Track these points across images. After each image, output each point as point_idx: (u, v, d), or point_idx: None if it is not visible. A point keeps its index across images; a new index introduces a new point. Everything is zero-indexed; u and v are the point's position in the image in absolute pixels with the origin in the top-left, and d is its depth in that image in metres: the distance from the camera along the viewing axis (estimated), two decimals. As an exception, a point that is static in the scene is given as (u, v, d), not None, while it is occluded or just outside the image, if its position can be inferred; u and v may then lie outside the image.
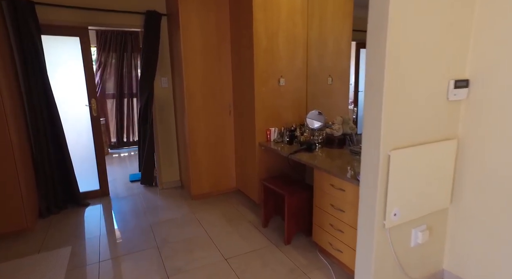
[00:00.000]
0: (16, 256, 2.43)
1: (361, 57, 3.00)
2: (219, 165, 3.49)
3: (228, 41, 3.27)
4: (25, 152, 2.85)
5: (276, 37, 2.85)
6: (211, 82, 3.28)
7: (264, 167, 3.03)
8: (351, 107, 3.03)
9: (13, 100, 2.69)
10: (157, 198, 3.56)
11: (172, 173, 3.87)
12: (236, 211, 3.14)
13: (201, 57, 3.18)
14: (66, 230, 2.82)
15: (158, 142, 3.72)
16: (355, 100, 3.04)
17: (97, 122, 3.44)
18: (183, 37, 3.05)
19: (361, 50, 3.01)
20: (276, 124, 3.03)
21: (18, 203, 2.65)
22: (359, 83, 3.00)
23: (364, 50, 3.09)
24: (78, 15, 3.11)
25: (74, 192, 3.30)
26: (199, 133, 3.31)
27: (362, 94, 3.02)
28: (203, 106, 3.28)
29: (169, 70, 3.65)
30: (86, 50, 3.26)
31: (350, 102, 3.05)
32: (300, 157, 2.36)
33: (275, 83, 2.95)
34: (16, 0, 2.76)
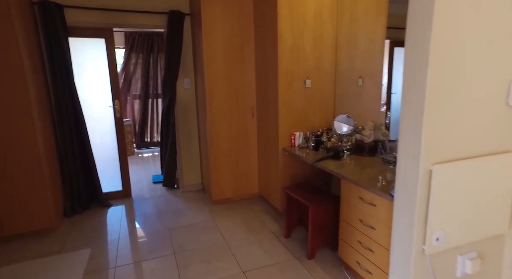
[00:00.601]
0: (39, 255, 2.44)
1: (395, 56, 2.75)
2: (241, 169, 3.36)
3: (251, 41, 3.14)
4: (51, 152, 2.89)
5: (302, 36, 2.68)
6: (234, 83, 3.17)
7: (287, 174, 2.87)
8: (383, 110, 2.79)
9: (41, 102, 2.73)
10: (178, 201, 3.50)
11: (193, 176, 3.80)
12: (257, 218, 3.00)
13: (223, 58, 3.07)
14: (87, 231, 2.82)
15: (180, 144, 3.67)
16: (387, 103, 2.80)
17: (121, 123, 3.44)
18: (205, 36, 2.96)
19: (395, 49, 2.76)
20: (301, 128, 2.85)
21: (44, 203, 2.69)
22: (392, 85, 2.76)
23: (398, 49, 2.83)
24: (103, 17, 3.11)
25: (97, 192, 3.32)
26: (220, 136, 3.21)
27: (395, 96, 2.77)
28: (225, 108, 3.18)
29: (192, 71, 3.58)
30: (110, 51, 3.27)
31: (382, 105, 2.81)
32: (326, 165, 2.17)
33: (301, 85, 2.77)
34: (46, 3, 2.80)
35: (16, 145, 2.54)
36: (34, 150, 2.59)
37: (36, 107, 2.60)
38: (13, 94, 2.47)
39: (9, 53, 2.41)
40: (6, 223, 2.61)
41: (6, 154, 2.52)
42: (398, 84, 2.80)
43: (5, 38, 2.39)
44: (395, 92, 2.81)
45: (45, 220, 2.72)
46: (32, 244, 2.62)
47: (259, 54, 3.07)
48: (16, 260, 2.39)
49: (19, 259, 2.39)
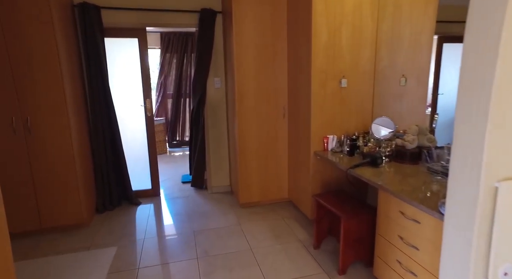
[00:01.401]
0: (68, 250, 2.49)
1: (443, 53, 2.46)
2: (270, 172, 3.23)
3: (284, 38, 2.99)
4: (85, 150, 2.96)
5: (338, 32, 2.48)
6: (265, 82, 3.04)
7: (318, 180, 2.68)
8: (428, 112, 2.51)
9: (77, 102, 2.80)
10: (205, 202, 3.44)
11: (222, 177, 3.73)
12: (285, 225, 2.84)
13: (254, 56, 2.95)
14: (115, 229, 2.85)
15: (209, 144, 3.61)
16: (433, 104, 2.51)
17: (151, 122, 3.46)
18: (235, 34, 2.86)
19: (444, 45, 2.47)
20: (335, 131, 2.65)
21: (77, 199, 2.75)
22: (439, 85, 2.48)
23: (448, 45, 2.53)
24: (137, 17, 3.14)
25: (127, 190, 3.36)
26: (249, 137, 3.10)
27: (442, 97, 2.48)
28: (255, 109, 3.06)
29: (223, 70, 3.51)
30: (143, 51, 3.29)
31: (426, 107, 2.53)
32: (362, 173, 1.97)
33: (336, 84, 2.57)
34: (85, 5, 2.87)
35: (52, 143, 2.61)
36: (68, 148, 2.65)
37: (71, 107, 2.67)
38: (51, 94, 2.54)
39: (48, 56, 2.49)
40: (43, 216, 2.70)
41: (44, 151, 2.60)
42: (447, 84, 2.51)
43: (45, 41, 2.46)
44: (442, 93, 2.52)
45: (77, 216, 2.78)
46: (64, 238, 2.68)
47: (291, 52, 2.91)
48: (47, 252, 2.45)
49: (50, 252, 2.46)
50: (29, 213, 2.66)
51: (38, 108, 2.54)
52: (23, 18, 2.40)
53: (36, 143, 2.58)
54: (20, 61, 2.45)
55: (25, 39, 2.43)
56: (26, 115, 2.53)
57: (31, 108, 2.53)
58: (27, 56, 2.46)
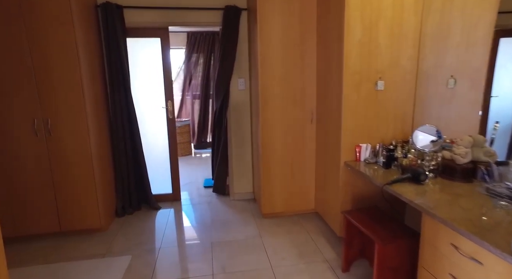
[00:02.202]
0: (83, 257, 2.42)
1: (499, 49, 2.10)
2: (295, 181, 2.98)
3: (313, 37, 2.74)
4: (106, 152, 2.90)
5: (375, 27, 2.19)
6: (291, 84, 2.80)
7: (348, 193, 2.40)
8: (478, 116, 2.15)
9: (96, 104, 2.74)
10: (226, 210, 3.27)
11: (244, 184, 3.54)
12: (310, 241, 2.59)
13: (280, 55, 2.73)
14: (132, 235, 2.75)
15: (232, 149, 3.43)
16: (484, 109, 2.15)
17: (173, 125, 3.35)
18: (260, 31, 2.65)
19: (501, 40, 2.10)
20: (369, 139, 2.36)
21: (94, 204, 2.69)
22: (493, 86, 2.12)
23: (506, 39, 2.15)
24: (159, 15, 3.03)
25: (147, 194, 3.28)
26: (274, 143, 2.87)
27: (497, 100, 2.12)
28: (280, 112, 2.83)
29: (247, 71, 3.31)
30: (165, 52, 3.18)
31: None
32: (400, 190, 1.68)
33: (371, 87, 2.28)
34: (107, 5, 2.81)
35: (71, 145, 2.57)
36: (86, 151, 2.60)
37: (90, 109, 2.60)
38: (70, 96, 2.49)
39: (68, 57, 2.44)
40: (63, 219, 2.67)
41: (63, 154, 2.56)
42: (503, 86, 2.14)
43: (65, 42, 2.41)
44: (497, 95, 2.16)
45: (95, 221, 2.72)
46: (82, 243, 2.63)
47: (321, 51, 2.65)
48: (62, 258, 2.39)
49: (65, 257, 2.40)
50: (49, 215, 2.64)
51: (58, 110, 2.50)
52: (45, 19, 2.36)
53: (55, 145, 2.55)
54: (41, 62, 2.42)
55: (46, 40, 2.39)
56: (47, 117, 2.50)
57: (51, 110, 2.49)
58: (48, 57, 2.42)
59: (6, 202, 2.55)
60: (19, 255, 2.48)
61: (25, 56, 2.39)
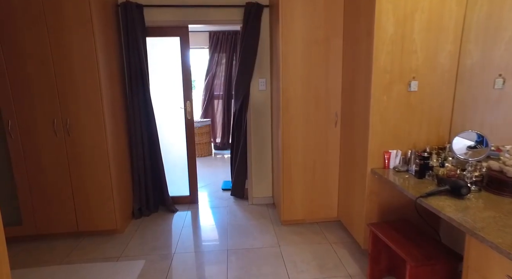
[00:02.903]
0: (97, 259, 2.39)
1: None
2: (317, 188, 2.81)
3: (339, 34, 2.55)
4: (123, 153, 2.87)
5: (410, 21, 1.97)
6: (314, 84, 2.63)
7: (375, 202, 2.20)
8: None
9: (115, 103, 2.71)
10: (244, 215, 3.14)
11: (264, 188, 3.41)
12: (333, 253, 2.41)
13: (303, 54, 2.56)
14: (147, 239, 2.69)
15: (251, 151, 3.31)
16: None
17: (191, 126, 3.27)
18: (282, 28, 2.50)
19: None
20: (400, 145, 2.15)
21: (111, 205, 2.66)
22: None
23: None
24: (179, 14, 2.96)
25: (164, 196, 3.22)
26: (295, 146, 2.71)
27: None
28: (302, 114, 2.67)
29: (269, 71, 3.17)
30: (185, 51, 3.11)
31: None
32: (438, 205, 1.47)
33: (403, 88, 2.07)
34: (128, 4, 2.77)
35: (88, 146, 2.55)
36: (103, 152, 2.57)
37: (108, 110, 2.57)
38: (88, 96, 2.47)
39: (86, 57, 2.41)
40: (80, 220, 2.66)
41: (81, 154, 2.55)
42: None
43: (84, 42, 2.39)
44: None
45: (111, 222, 2.69)
46: (97, 244, 2.60)
47: (348, 48, 2.46)
48: (77, 259, 2.37)
49: (79, 259, 2.37)
50: (67, 215, 2.64)
51: (76, 110, 2.49)
52: (65, 21, 2.35)
53: (73, 145, 2.54)
54: (62, 62, 2.41)
55: (66, 42, 2.38)
56: (66, 118, 2.49)
57: (70, 110, 2.48)
58: (68, 58, 2.41)
59: (28, 200, 2.57)
60: (38, 253, 2.49)
61: (47, 57, 2.39)
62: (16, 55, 2.36)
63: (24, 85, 2.41)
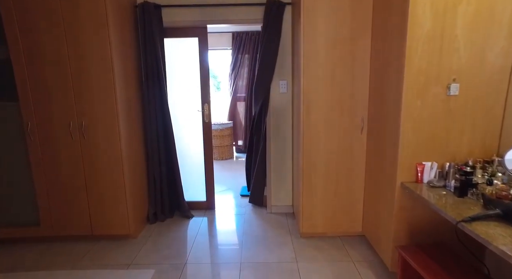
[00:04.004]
0: (108, 265, 2.33)
1: None
2: (340, 199, 2.58)
3: (367, 32, 2.32)
4: (139, 156, 2.81)
5: (452, 14, 1.72)
6: (339, 87, 2.41)
7: (405, 220, 1.95)
8: None
9: (130, 106, 2.65)
10: (261, 224, 2.98)
11: (283, 196, 3.22)
12: (355, 273, 2.18)
13: (327, 54, 2.36)
14: (160, 246, 2.61)
15: (271, 157, 3.14)
16: None
17: (208, 129, 3.16)
18: (304, 27, 2.31)
19: None
20: (436, 157, 1.88)
21: (124, 209, 2.60)
22: None
23: None
24: (197, 14, 2.86)
25: (179, 201, 3.13)
26: (316, 154, 2.51)
27: None
28: (325, 119, 2.46)
29: (290, 72, 2.99)
30: (203, 52, 3.00)
31: None
32: (486, 233, 1.22)
33: (441, 91, 1.81)
34: (145, 4, 2.71)
35: (102, 149, 2.50)
36: (117, 155, 2.51)
37: (123, 113, 2.51)
38: (103, 98, 2.43)
39: (102, 59, 2.37)
40: (94, 223, 2.63)
41: (95, 157, 2.51)
42: None
43: (100, 44, 2.35)
44: None
45: (124, 227, 2.63)
46: (110, 250, 2.55)
47: (376, 47, 2.22)
48: (88, 264, 2.32)
49: (91, 264, 2.32)
50: (82, 218, 2.61)
51: (91, 113, 2.45)
52: (82, 23, 2.32)
53: (88, 147, 2.50)
54: (78, 64, 2.38)
55: (82, 44, 2.35)
56: (81, 120, 2.46)
57: (85, 113, 2.45)
58: (84, 60, 2.38)
59: (46, 201, 2.57)
60: (52, 256, 2.48)
61: (64, 60, 2.37)
62: (36, 58, 2.36)
63: (43, 88, 2.41)
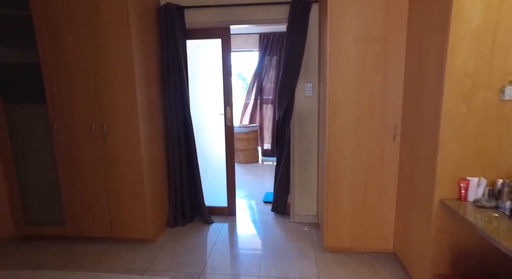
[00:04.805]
0: (124, 270, 2.30)
1: None
2: (369, 212, 2.37)
3: (402, 28, 2.09)
4: (159, 160, 2.78)
5: (506, 3, 1.47)
6: (370, 90, 2.20)
7: (445, 244, 1.70)
8: None
9: (151, 109, 2.62)
10: (283, 235, 2.82)
11: (307, 204, 3.05)
12: (384, 297, 1.96)
13: (356, 54, 2.16)
14: (178, 252, 2.54)
15: (295, 164, 2.98)
16: None
17: (231, 133, 3.06)
18: (330, 24, 2.14)
19: None
20: (485, 172, 1.63)
21: (143, 213, 2.58)
22: None
23: None
24: (220, 15, 2.78)
25: (200, 206, 3.07)
26: (343, 162, 2.32)
27: None
28: (353, 125, 2.26)
29: (316, 75, 2.82)
30: (226, 54, 2.91)
31: None
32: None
33: (492, 95, 1.56)
34: (168, 6, 2.68)
35: (122, 151, 2.49)
36: (137, 158, 2.49)
37: (143, 116, 2.48)
38: (123, 101, 2.41)
39: (123, 62, 2.35)
40: (114, 226, 2.63)
41: (115, 159, 2.50)
42: None
43: (121, 46, 2.33)
44: None
45: (143, 231, 2.61)
46: (128, 253, 2.53)
47: (413, 46, 1.99)
48: (106, 267, 2.31)
49: (109, 268, 2.30)
50: (103, 220, 2.62)
51: (112, 116, 2.45)
52: (104, 25, 2.32)
53: (109, 150, 2.50)
54: (100, 67, 2.38)
55: (104, 46, 2.35)
56: (103, 123, 2.46)
57: (106, 116, 2.45)
58: (105, 63, 2.37)
59: (70, 202, 2.61)
60: (72, 256, 2.50)
61: (87, 62, 2.39)
62: (62, 62, 2.40)
63: (68, 91, 2.44)
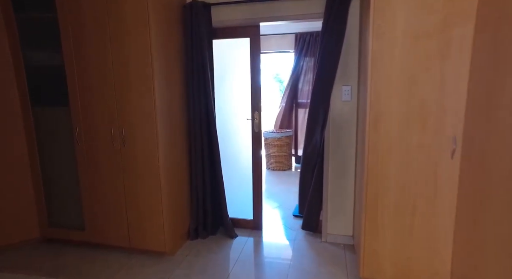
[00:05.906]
0: (138, 288, 2.15)
1: None
2: (417, 240, 1.97)
3: (467, 18, 1.69)
4: (181, 168, 2.62)
5: None
6: (421, 96, 1.82)
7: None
8: None
9: (171, 114, 2.47)
10: (312, 257, 2.50)
11: (342, 223, 2.69)
12: None
13: (404, 52, 1.80)
14: (195, 269, 2.34)
15: (328, 177, 2.65)
16: None
17: (258, 140, 2.81)
18: (373, 17, 1.80)
19: None
20: None
21: (160, 225, 2.42)
22: None
23: None
24: (249, 11, 2.55)
25: (223, 218, 2.85)
26: (385, 179, 1.95)
27: None
28: (399, 137, 1.89)
29: (356, 77, 2.47)
30: (255, 54, 2.68)
31: None
32: None
33: None
34: (193, 4, 2.51)
35: (140, 158, 2.36)
36: (155, 166, 2.34)
37: (162, 120, 2.33)
38: (142, 105, 2.28)
39: (142, 64, 2.22)
40: (132, 235, 2.51)
41: (134, 166, 2.38)
42: None
43: (141, 47, 2.20)
44: None
45: (160, 243, 2.45)
46: (144, 267, 2.39)
47: (483, 39, 1.59)
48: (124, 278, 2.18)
49: None
50: (121, 228, 2.51)
51: (131, 120, 2.33)
52: (125, 25, 2.21)
53: (127, 155, 2.39)
54: (120, 70, 2.28)
55: (124, 49, 2.24)
56: (122, 127, 2.35)
57: (125, 120, 2.34)
58: (125, 66, 2.26)
59: (90, 207, 2.54)
60: (90, 264, 2.41)
61: (108, 65, 2.29)
62: (84, 64, 2.33)
63: (89, 94, 2.37)
